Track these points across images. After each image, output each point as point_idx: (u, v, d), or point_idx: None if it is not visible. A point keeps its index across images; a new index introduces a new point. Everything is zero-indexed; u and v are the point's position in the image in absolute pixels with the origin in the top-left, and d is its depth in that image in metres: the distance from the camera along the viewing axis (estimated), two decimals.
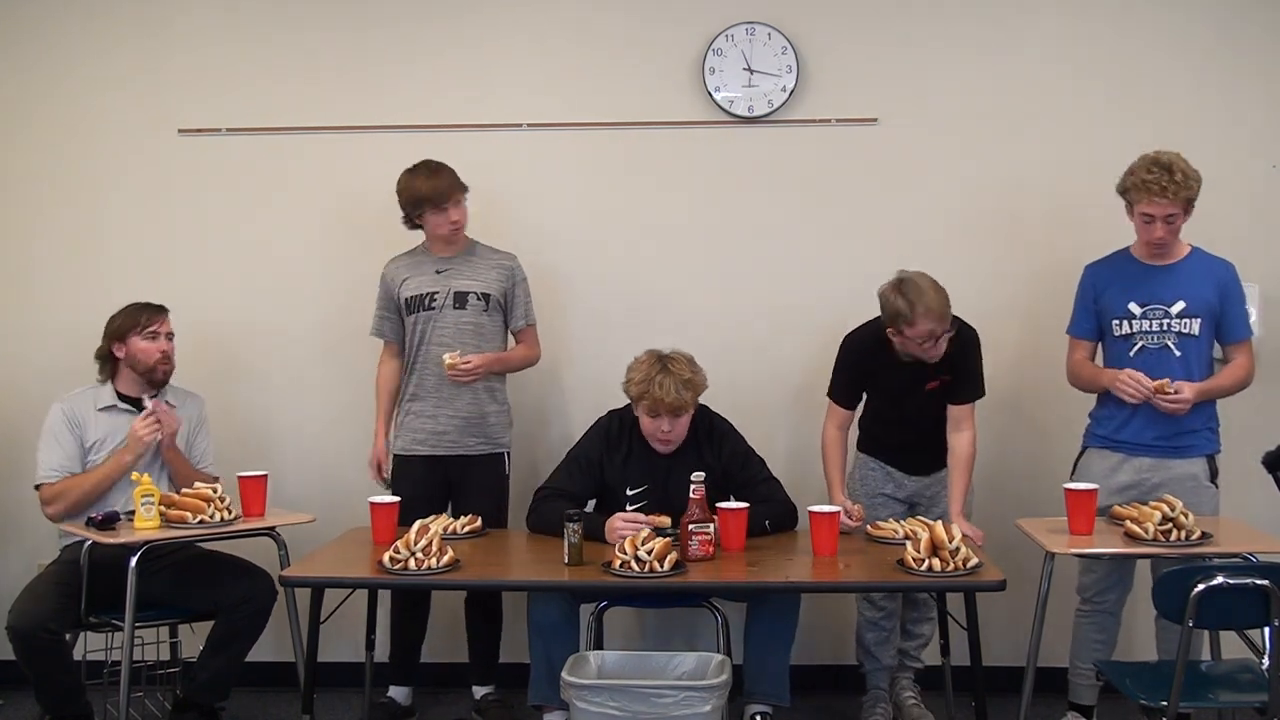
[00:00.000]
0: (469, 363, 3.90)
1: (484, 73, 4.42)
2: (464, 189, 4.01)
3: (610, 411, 3.89)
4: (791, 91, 4.33)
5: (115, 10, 4.46)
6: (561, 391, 4.45)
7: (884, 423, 3.93)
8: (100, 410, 3.87)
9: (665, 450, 3.75)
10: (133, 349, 3.89)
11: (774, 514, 3.72)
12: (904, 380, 3.82)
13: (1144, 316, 3.69)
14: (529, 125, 4.42)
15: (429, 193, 3.94)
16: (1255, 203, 4.28)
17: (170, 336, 3.95)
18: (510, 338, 4.16)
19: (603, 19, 4.40)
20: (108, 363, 3.95)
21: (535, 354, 4.17)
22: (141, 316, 3.92)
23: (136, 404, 3.86)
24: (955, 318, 3.77)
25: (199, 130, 4.46)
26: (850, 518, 3.64)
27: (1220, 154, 4.22)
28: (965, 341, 3.84)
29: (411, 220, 4.03)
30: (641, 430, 3.77)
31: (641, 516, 3.59)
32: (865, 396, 3.94)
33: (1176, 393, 3.57)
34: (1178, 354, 3.68)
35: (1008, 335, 4.25)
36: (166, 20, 4.45)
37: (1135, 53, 4.30)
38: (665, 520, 3.57)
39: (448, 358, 3.89)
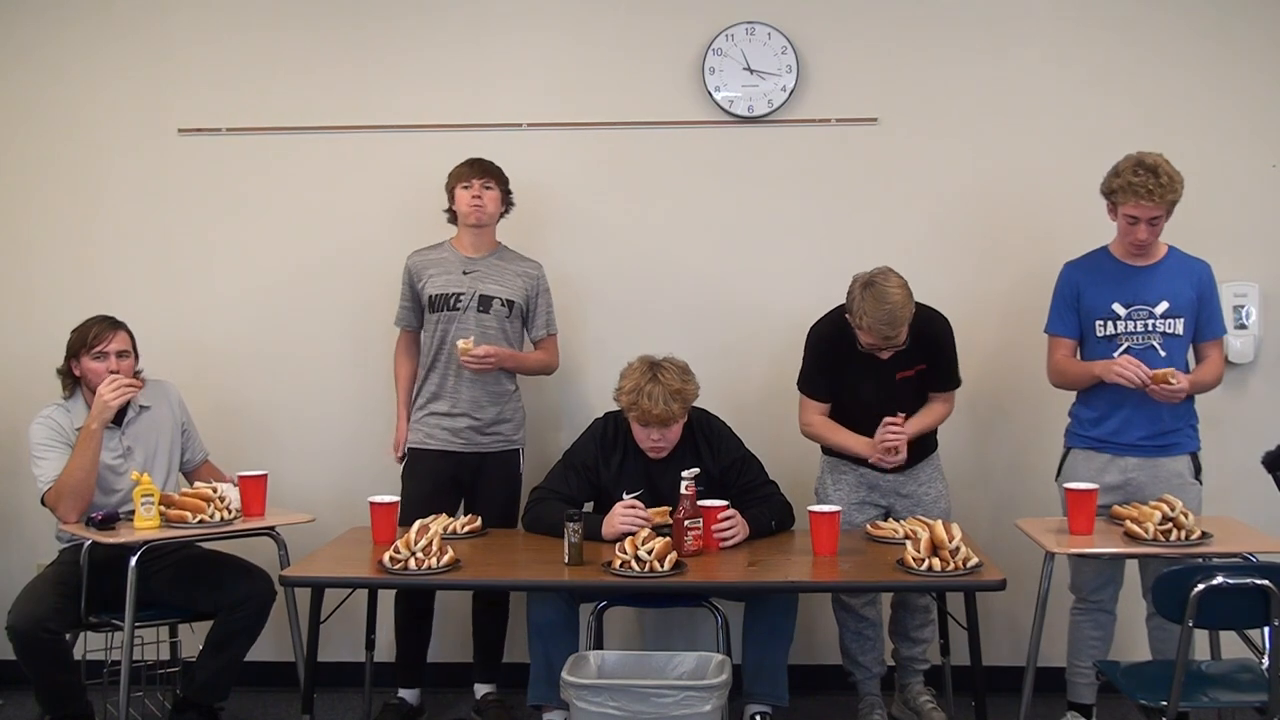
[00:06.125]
0: (482, 350, 3.90)
1: (484, 73, 4.42)
2: (499, 180, 4.05)
3: (606, 414, 3.88)
4: (791, 91, 4.33)
5: (115, 10, 4.46)
6: (560, 392, 4.44)
7: (852, 419, 3.85)
8: (79, 431, 3.72)
9: (657, 456, 3.75)
10: (84, 369, 3.76)
11: (777, 515, 3.73)
12: (871, 369, 3.77)
13: (1129, 317, 3.70)
14: (529, 125, 4.42)
15: (458, 170, 4.01)
16: (1255, 203, 4.28)
17: (123, 354, 3.79)
18: (529, 345, 4.17)
19: (602, 19, 4.40)
20: (69, 379, 3.79)
21: (553, 363, 4.18)
22: (90, 333, 3.74)
23: (117, 421, 3.80)
24: (928, 309, 3.78)
25: (199, 130, 4.46)
26: (886, 455, 3.70)
27: (1220, 154, 4.24)
28: (938, 333, 3.85)
29: (450, 204, 4.06)
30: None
31: (641, 507, 3.60)
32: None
33: (1177, 383, 3.58)
34: (1163, 354, 3.69)
35: (1008, 334, 4.25)
36: (166, 20, 4.45)
37: (1134, 53, 4.29)
38: (664, 515, 3.59)
39: (461, 343, 3.90)
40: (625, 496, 3.74)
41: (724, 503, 3.61)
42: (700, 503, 3.55)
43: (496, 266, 4.07)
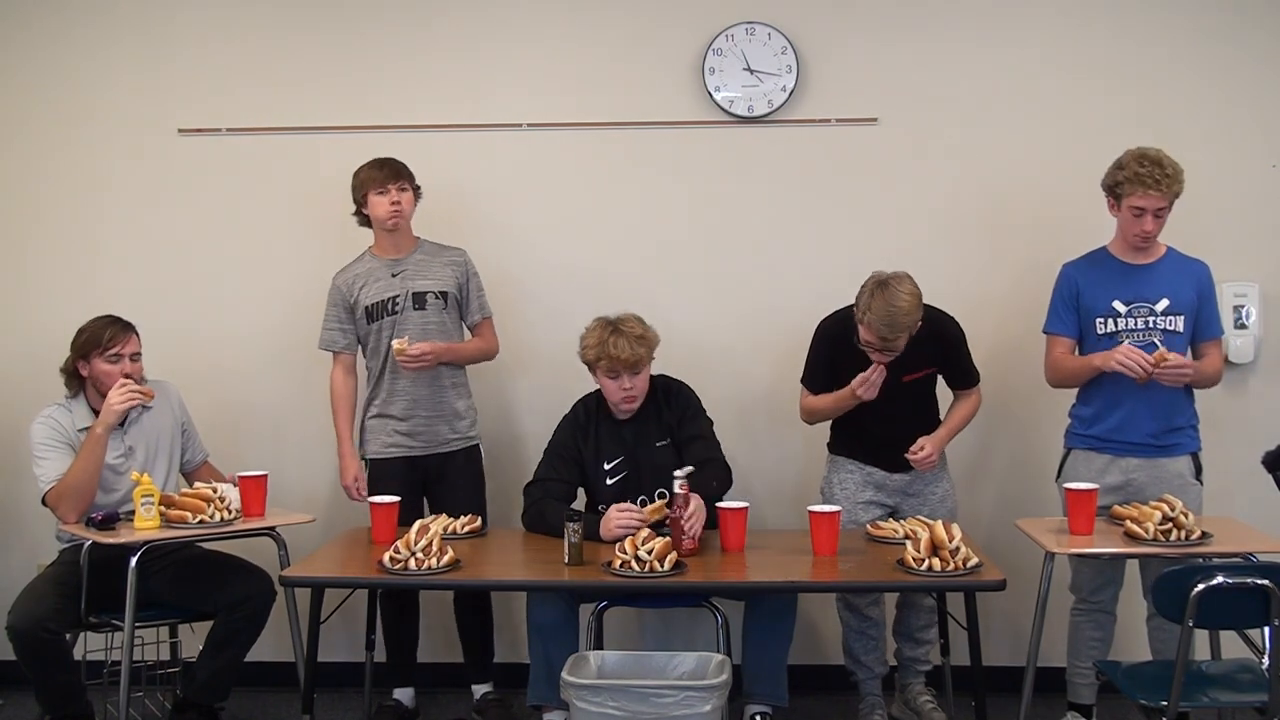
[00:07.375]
0: (417, 349, 3.89)
1: (484, 73, 4.42)
2: (410, 179, 4.03)
3: (576, 401, 3.92)
4: (791, 91, 4.33)
5: (115, 10, 4.46)
6: (552, 390, 4.42)
7: (858, 418, 3.84)
8: (81, 432, 3.74)
9: (628, 410, 3.78)
10: (95, 370, 3.76)
11: (718, 475, 3.71)
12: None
13: (1130, 315, 3.71)
14: (529, 125, 4.42)
15: (370, 174, 3.99)
16: (1255, 203, 4.28)
17: (135, 357, 3.80)
18: (467, 332, 4.16)
19: (603, 19, 4.40)
20: (74, 379, 3.80)
21: (492, 347, 4.17)
22: (104, 335, 3.75)
23: (119, 423, 3.80)
24: (936, 311, 3.78)
25: (199, 130, 4.46)
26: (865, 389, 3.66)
27: (1220, 154, 4.23)
28: (947, 335, 3.85)
29: (360, 210, 4.04)
30: (605, 397, 3.81)
31: (636, 508, 3.60)
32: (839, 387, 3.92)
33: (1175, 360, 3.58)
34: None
35: (1009, 334, 4.24)
36: (167, 20, 4.45)
37: (1134, 53, 4.29)
38: (659, 512, 3.58)
39: (396, 343, 3.89)
40: (607, 467, 3.77)
41: (745, 504, 3.57)
42: (720, 505, 3.54)
43: (422, 262, 4.07)
